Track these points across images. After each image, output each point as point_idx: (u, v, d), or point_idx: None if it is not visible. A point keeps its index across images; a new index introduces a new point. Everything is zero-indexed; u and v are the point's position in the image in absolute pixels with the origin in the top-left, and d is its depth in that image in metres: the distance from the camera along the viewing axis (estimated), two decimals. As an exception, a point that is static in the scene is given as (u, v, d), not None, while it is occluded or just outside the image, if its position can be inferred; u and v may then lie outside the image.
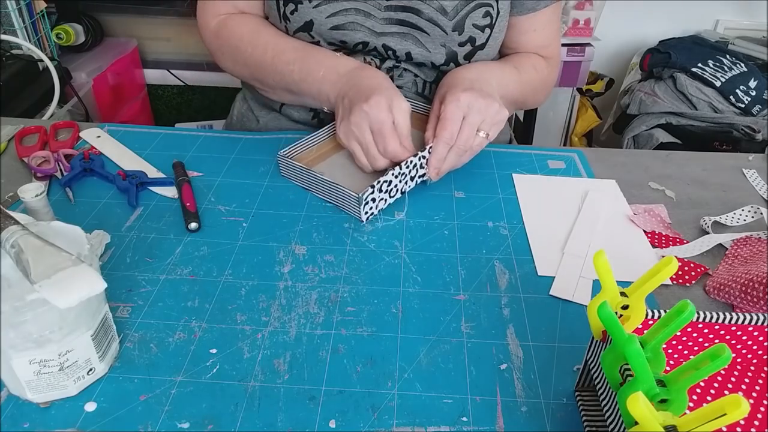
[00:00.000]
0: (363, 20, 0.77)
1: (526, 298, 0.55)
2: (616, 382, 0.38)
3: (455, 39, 0.78)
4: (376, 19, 0.77)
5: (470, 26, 0.77)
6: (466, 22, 0.77)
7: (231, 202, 0.66)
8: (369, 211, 0.64)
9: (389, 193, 0.66)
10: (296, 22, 0.77)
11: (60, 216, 0.62)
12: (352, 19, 0.77)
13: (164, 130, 0.81)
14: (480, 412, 0.45)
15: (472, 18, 0.77)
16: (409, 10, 0.76)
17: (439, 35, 0.77)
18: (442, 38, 0.77)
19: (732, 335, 0.46)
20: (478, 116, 0.68)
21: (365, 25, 0.77)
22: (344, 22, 0.77)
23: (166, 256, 0.58)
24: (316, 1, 0.76)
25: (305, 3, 0.76)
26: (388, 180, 0.64)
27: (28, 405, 0.44)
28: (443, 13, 0.76)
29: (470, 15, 0.77)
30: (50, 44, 1.46)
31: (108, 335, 0.46)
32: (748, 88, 1.67)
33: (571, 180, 0.74)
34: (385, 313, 0.53)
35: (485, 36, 0.79)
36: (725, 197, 0.72)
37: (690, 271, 0.59)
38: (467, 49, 0.79)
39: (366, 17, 0.77)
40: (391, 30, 0.77)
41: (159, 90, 1.94)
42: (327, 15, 0.76)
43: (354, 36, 0.77)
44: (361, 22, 0.77)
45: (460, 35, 0.77)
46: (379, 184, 0.63)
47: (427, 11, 0.76)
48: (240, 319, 0.52)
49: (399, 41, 0.78)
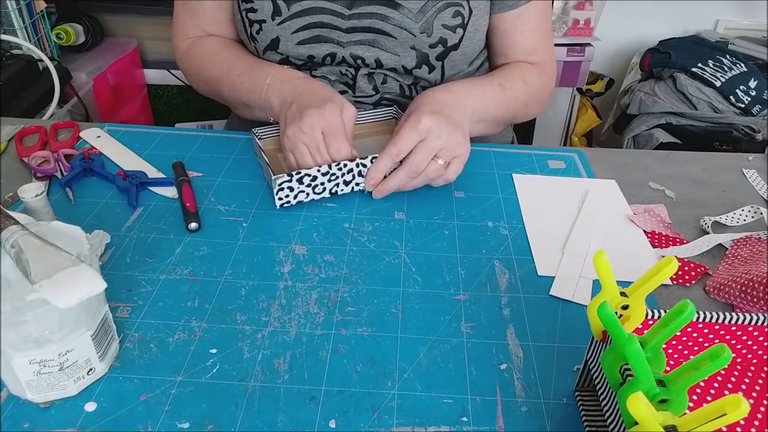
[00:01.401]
0: (328, 33, 0.76)
1: (526, 298, 0.55)
2: (616, 382, 0.38)
3: (425, 41, 0.76)
4: (341, 30, 0.76)
5: (439, 27, 0.76)
6: (435, 23, 0.75)
7: (231, 202, 0.66)
8: (284, 198, 0.65)
9: (313, 189, 0.66)
10: (263, 41, 0.78)
11: (60, 216, 0.62)
12: (317, 33, 0.76)
13: (164, 130, 0.81)
14: (480, 412, 0.45)
15: (441, 18, 0.75)
16: (374, 16, 0.75)
17: (407, 38, 0.76)
18: (410, 41, 0.76)
19: (732, 335, 0.46)
20: (438, 142, 0.65)
21: (330, 37, 0.76)
22: (309, 37, 0.77)
23: (166, 256, 0.58)
24: (279, 19, 0.76)
25: (269, 21, 0.76)
26: (312, 175, 0.65)
27: (28, 405, 0.44)
28: (410, 15, 0.75)
29: (438, 15, 0.75)
30: (50, 44, 1.46)
31: (108, 335, 0.46)
32: (748, 88, 1.67)
33: (571, 180, 0.74)
34: (385, 313, 0.53)
35: (458, 36, 0.77)
36: (725, 197, 0.72)
37: (690, 271, 0.59)
38: (439, 50, 0.77)
39: (331, 29, 0.76)
40: (357, 38, 0.77)
41: (159, 90, 1.94)
42: (292, 31, 0.76)
43: (320, 49, 0.77)
44: (326, 35, 0.76)
45: (429, 37, 0.76)
46: (299, 176, 0.64)
47: (392, 15, 0.75)
48: (240, 319, 0.52)
49: (366, 49, 0.77)
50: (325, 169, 0.65)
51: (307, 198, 0.67)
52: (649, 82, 1.81)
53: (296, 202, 0.66)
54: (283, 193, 0.65)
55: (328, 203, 0.67)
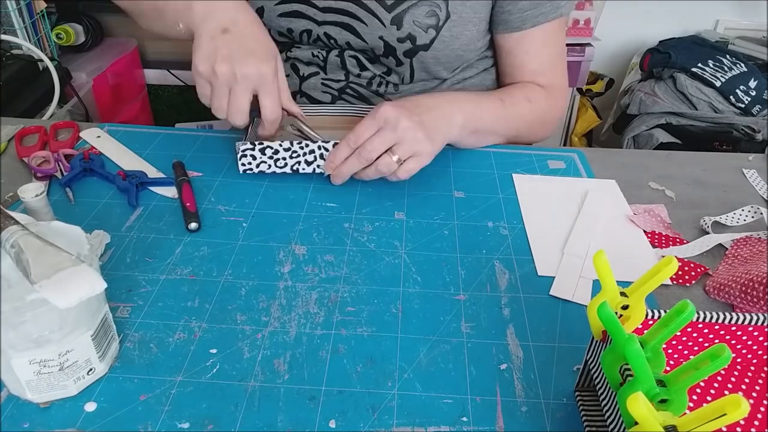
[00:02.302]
0: (305, 9, 0.78)
1: (526, 298, 0.55)
2: (616, 382, 0.38)
3: (393, 33, 0.75)
4: (317, 8, 0.77)
5: (410, 22, 0.75)
6: (406, 17, 0.75)
7: (231, 202, 0.66)
8: (247, 165, 0.69)
9: (275, 162, 0.69)
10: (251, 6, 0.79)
11: (60, 216, 0.62)
12: (296, 7, 0.78)
13: (164, 130, 0.81)
14: (480, 412, 0.45)
15: (413, 14, 0.75)
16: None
17: (377, 27, 0.76)
18: (379, 30, 0.76)
19: (732, 335, 0.46)
20: (392, 134, 0.63)
21: (307, 14, 0.78)
22: (290, 11, 0.78)
23: (166, 256, 0.58)
24: None
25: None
26: (274, 148, 0.68)
27: (28, 405, 0.44)
28: (383, 4, 0.74)
29: (411, 11, 0.74)
30: (50, 44, 1.46)
31: (108, 335, 0.46)
32: (748, 88, 1.67)
33: (571, 180, 0.74)
34: (385, 313, 0.53)
35: (429, 37, 0.76)
36: (725, 197, 0.72)
37: (690, 271, 0.59)
38: (407, 45, 0.76)
39: (308, 6, 0.77)
40: (331, 19, 0.77)
41: (159, 90, 1.94)
42: (275, 2, 0.78)
43: (298, 24, 0.78)
44: (303, 11, 0.78)
45: (398, 30, 0.75)
46: (261, 146, 0.67)
47: (366, 2, 0.75)
48: (240, 319, 0.52)
49: (339, 31, 0.78)
50: (287, 145, 0.68)
51: (269, 170, 0.70)
52: (649, 82, 1.81)
53: (258, 171, 0.70)
54: (246, 159, 0.69)
55: (328, 203, 0.67)
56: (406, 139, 0.64)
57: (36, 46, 1.34)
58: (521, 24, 0.78)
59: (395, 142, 0.64)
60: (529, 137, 0.85)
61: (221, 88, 0.62)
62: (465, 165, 0.75)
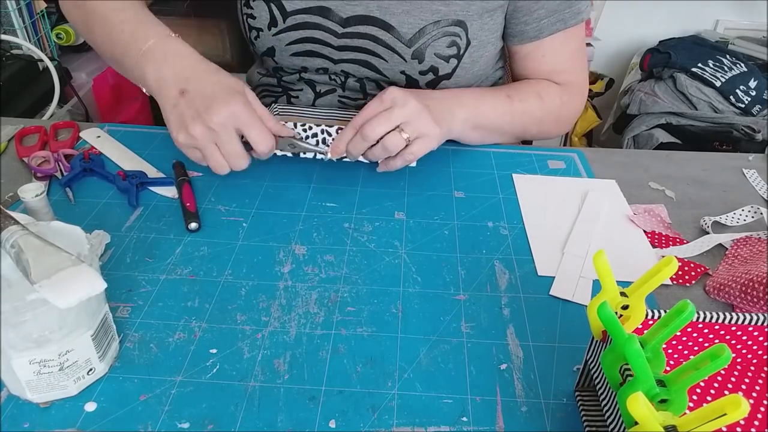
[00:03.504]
0: (320, 48, 0.76)
1: (526, 298, 0.55)
2: (616, 382, 0.38)
3: (415, 67, 0.74)
4: (333, 47, 0.75)
5: (432, 55, 0.73)
6: (427, 51, 0.73)
7: (231, 202, 0.66)
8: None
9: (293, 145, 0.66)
10: (260, 47, 0.78)
11: (60, 216, 0.62)
12: (309, 47, 0.76)
13: (164, 130, 0.80)
14: (480, 412, 0.45)
15: (434, 47, 0.73)
16: (367, 36, 0.74)
17: (398, 62, 0.74)
18: (401, 65, 0.74)
19: (732, 335, 0.46)
20: (401, 112, 0.62)
21: (322, 53, 0.76)
22: (303, 51, 0.76)
23: (166, 256, 0.58)
24: (275, 30, 0.75)
25: (265, 31, 0.76)
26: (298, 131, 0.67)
27: (28, 405, 0.44)
28: (402, 40, 0.73)
29: (432, 44, 0.73)
30: (50, 44, 1.46)
31: (108, 335, 0.46)
32: (748, 88, 1.67)
33: (571, 180, 0.74)
34: (385, 313, 0.53)
35: (450, 66, 0.75)
36: (725, 197, 0.72)
37: (690, 271, 0.59)
38: (429, 77, 0.75)
39: (323, 45, 0.76)
40: (348, 57, 0.76)
41: (159, 90, 1.94)
42: (286, 43, 0.76)
43: (313, 62, 0.77)
44: (318, 51, 0.76)
45: (420, 63, 0.74)
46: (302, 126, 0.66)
47: (384, 38, 0.73)
48: (240, 319, 0.52)
49: (357, 68, 0.77)
50: (290, 125, 0.66)
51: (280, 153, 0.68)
52: (649, 82, 1.81)
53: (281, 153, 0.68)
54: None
55: (328, 203, 0.67)
56: (413, 118, 0.63)
57: (36, 46, 1.34)
58: (538, 33, 0.76)
59: (403, 120, 0.62)
60: (540, 134, 0.82)
61: (207, 147, 0.60)
62: (465, 165, 0.75)
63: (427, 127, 0.64)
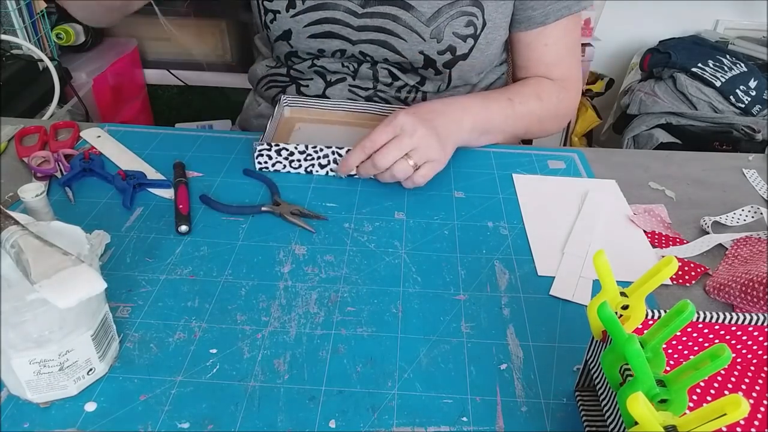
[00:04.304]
0: (339, 29, 0.76)
1: (526, 298, 0.55)
2: (616, 382, 0.38)
3: (434, 47, 0.76)
4: (352, 27, 0.76)
5: (450, 34, 0.75)
6: (446, 30, 0.75)
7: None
8: (263, 164, 0.72)
9: (290, 163, 0.71)
10: (276, 30, 0.78)
11: (60, 216, 0.62)
12: (328, 28, 0.77)
13: (164, 130, 0.81)
14: (480, 412, 0.45)
15: (453, 26, 0.75)
16: (386, 16, 0.75)
17: (416, 41, 0.76)
18: (419, 45, 0.76)
19: (732, 335, 0.46)
20: (410, 140, 0.64)
21: (341, 33, 0.77)
22: (321, 32, 0.77)
23: (166, 256, 0.58)
24: (293, 11, 0.76)
25: (282, 13, 0.76)
26: (289, 150, 0.70)
27: (28, 405, 0.44)
28: (422, 19, 0.74)
29: (451, 23, 0.75)
30: (50, 44, 1.46)
31: (108, 335, 0.46)
32: (748, 88, 1.67)
33: (571, 180, 0.74)
34: (385, 313, 0.53)
35: (467, 46, 0.77)
36: (725, 197, 0.72)
37: (690, 271, 0.59)
38: (447, 57, 0.77)
39: (342, 26, 0.76)
40: (367, 37, 0.77)
41: (159, 90, 1.94)
42: (304, 24, 0.77)
43: (331, 44, 0.78)
44: (337, 31, 0.77)
45: (438, 43, 0.75)
46: (278, 147, 0.70)
47: (404, 17, 0.75)
48: (240, 319, 0.52)
49: (375, 48, 0.77)
50: (302, 148, 0.70)
51: (284, 169, 0.72)
52: (649, 82, 1.81)
53: (273, 170, 0.72)
54: (262, 159, 0.71)
55: (328, 203, 0.67)
56: (421, 146, 0.65)
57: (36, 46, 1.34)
58: (545, 19, 0.78)
59: (411, 148, 0.65)
60: (541, 132, 0.86)
61: None
62: (465, 165, 0.75)
63: (435, 153, 0.67)
